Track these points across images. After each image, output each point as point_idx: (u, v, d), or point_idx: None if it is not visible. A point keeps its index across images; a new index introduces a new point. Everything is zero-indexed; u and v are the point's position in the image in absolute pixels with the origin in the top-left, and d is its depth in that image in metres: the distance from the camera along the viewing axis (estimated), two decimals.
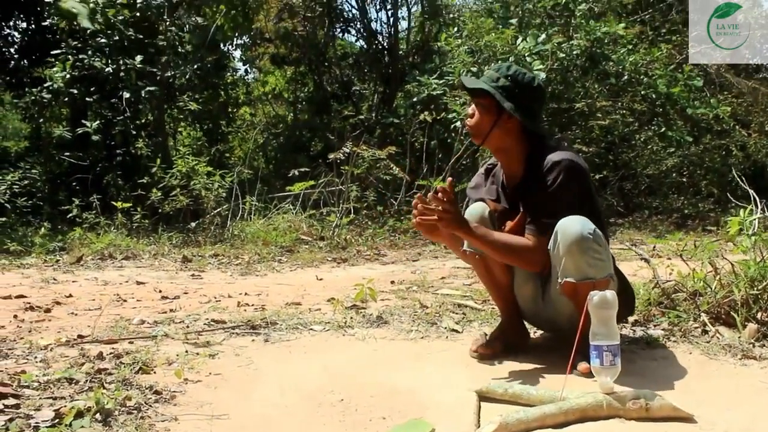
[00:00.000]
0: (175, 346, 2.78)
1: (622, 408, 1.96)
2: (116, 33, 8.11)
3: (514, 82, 2.46)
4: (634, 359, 2.61)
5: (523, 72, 2.50)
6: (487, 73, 2.57)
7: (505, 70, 2.50)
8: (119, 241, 6.25)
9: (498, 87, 2.46)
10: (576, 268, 2.30)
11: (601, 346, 2.02)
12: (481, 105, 2.51)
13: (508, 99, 2.43)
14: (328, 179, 7.61)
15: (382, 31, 13.61)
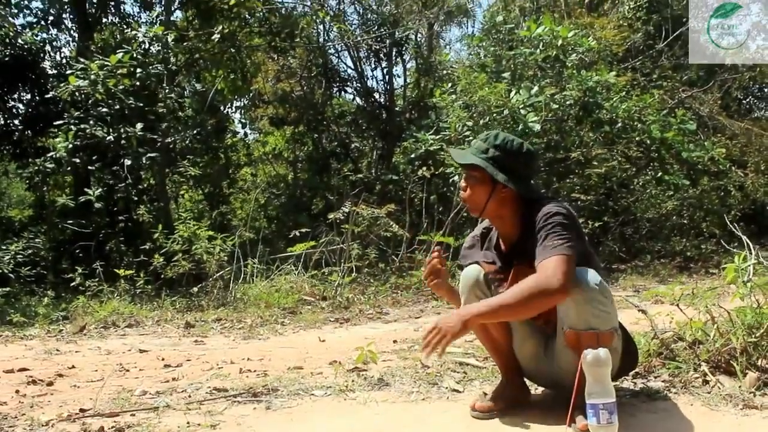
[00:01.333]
0: (176, 417, 2.77)
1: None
2: (117, 102, 8.27)
3: (503, 151, 2.49)
4: (635, 413, 2.60)
5: (511, 139, 2.52)
6: (475, 144, 2.58)
7: (493, 139, 2.52)
8: (122, 309, 6.26)
9: (489, 158, 2.49)
10: (580, 318, 2.32)
11: (597, 404, 2.03)
12: (473, 177, 2.54)
13: (500, 170, 2.46)
14: (329, 238, 7.65)
15: (378, 88, 13.87)
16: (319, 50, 13.42)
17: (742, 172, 12.08)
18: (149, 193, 9.77)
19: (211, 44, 10.61)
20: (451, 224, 7.65)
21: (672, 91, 12.28)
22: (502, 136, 2.52)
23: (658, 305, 4.95)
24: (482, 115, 8.68)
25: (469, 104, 8.91)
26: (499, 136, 2.53)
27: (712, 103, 12.91)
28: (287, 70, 13.86)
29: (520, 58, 9.38)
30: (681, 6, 15.31)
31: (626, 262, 9.82)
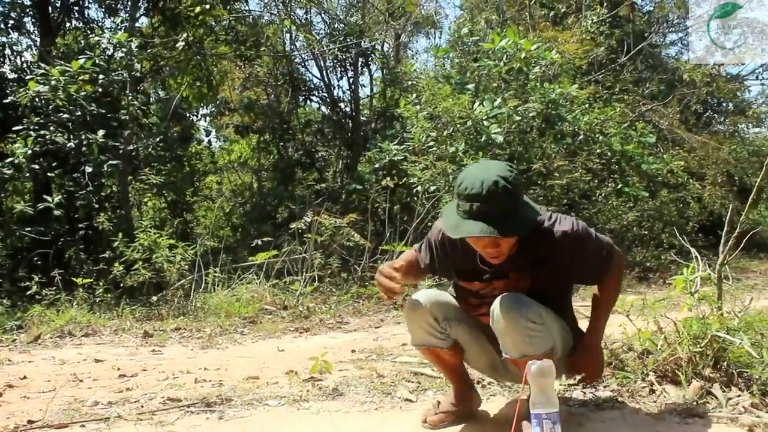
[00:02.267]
0: (127, 428, 2.76)
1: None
2: (78, 108, 8.16)
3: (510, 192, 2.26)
4: (582, 422, 2.66)
5: (499, 182, 2.23)
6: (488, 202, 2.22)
7: (494, 187, 2.21)
8: (80, 318, 6.16)
9: (514, 212, 2.27)
10: (513, 345, 2.33)
11: (541, 414, 2.06)
12: (499, 238, 2.29)
13: (521, 221, 2.29)
14: (291, 248, 7.63)
15: (344, 98, 13.90)
16: (285, 59, 13.41)
17: (700, 184, 12.35)
18: (111, 201, 9.63)
19: (176, 51, 10.55)
20: (414, 234, 7.68)
21: (633, 105, 12.51)
22: (500, 183, 2.23)
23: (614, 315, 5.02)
24: (446, 126, 8.75)
25: (434, 115, 8.99)
26: (498, 185, 2.22)
27: (671, 117, 13.18)
28: (253, 79, 13.82)
29: (484, 70, 9.47)
30: (643, 21, 15.67)
31: None
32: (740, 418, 2.50)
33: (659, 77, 14.86)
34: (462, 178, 2.30)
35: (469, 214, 2.24)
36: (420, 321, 2.55)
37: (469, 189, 2.23)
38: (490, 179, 2.22)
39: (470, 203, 2.23)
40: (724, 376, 2.88)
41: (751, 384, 2.76)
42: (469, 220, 2.24)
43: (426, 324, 2.55)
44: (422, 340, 2.60)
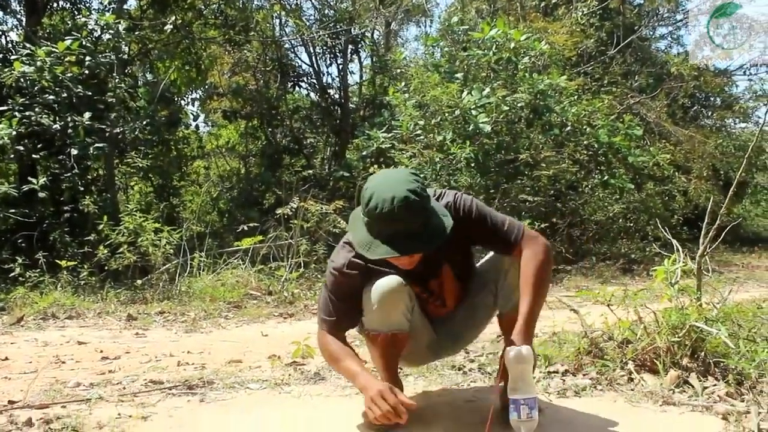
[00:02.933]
0: (108, 409, 2.76)
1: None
2: (64, 90, 8.10)
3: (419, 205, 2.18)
4: (560, 409, 2.68)
5: (413, 191, 2.15)
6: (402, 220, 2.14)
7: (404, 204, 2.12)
8: (64, 300, 6.15)
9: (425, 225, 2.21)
10: None
11: (518, 399, 2.09)
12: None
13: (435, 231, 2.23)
14: (277, 233, 7.63)
15: (333, 85, 13.87)
16: (274, 44, 13.36)
17: (686, 177, 12.45)
18: (97, 184, 9.59)
19: (164, 34, 10.48)
20: None
21: (621, 97, 12.57)
22: (400, 196, 2.13)
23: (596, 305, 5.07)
24: (434, 115, 8.77)
25: (422, 103, 8.99)
26: (397, 197, 2.12)
27: (659, 110, 13.25)
28: (242, 64, 13.76)
29: (473, 60, 9.49)
30: (633, 14, 15.71)
31: (572, 263, 9.99)
32: (715, 407, 2.53)
33: (648, 70, 14.92)
34: (368, 195, 2.18)
35: (383, 235, 2.17)
36: (400, 303, 2.39)
37: (380, 208, 2.12)
38: (399, 196, 2.12)
39: (383, 223, 2.15)
40: (701, 365, 2.91)
41: (727, 374, 2.80)
42: (382, 242, 2.17)
43: (404, 305, 2.41)
44: (398, 324, 2.42)
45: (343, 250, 2.44)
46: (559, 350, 3.42)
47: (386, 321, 2.40)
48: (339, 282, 2.42)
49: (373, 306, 2.37)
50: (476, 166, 8.96)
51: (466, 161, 8.60)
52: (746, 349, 2.87)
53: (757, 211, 21.04)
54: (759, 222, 20.86)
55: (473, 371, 3.25)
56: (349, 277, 2.40)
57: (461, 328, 2.70)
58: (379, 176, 2.35)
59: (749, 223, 19.45)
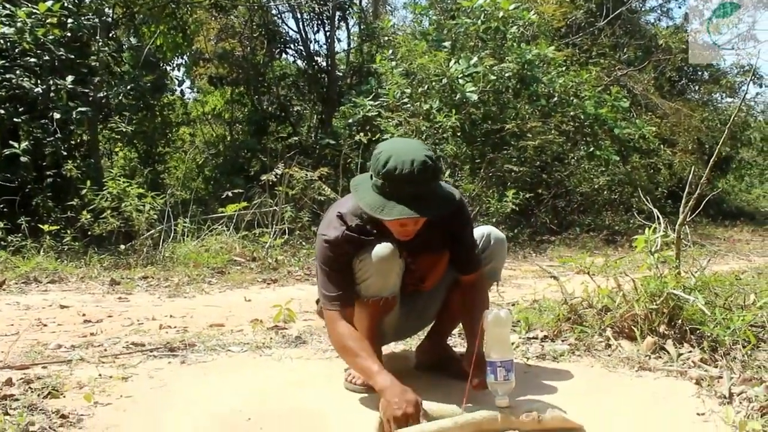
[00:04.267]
0: (89, 369, 2.77)
1: (516, 420, 2.06)
2: (46, 53, 7.97)
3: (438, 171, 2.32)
4: (539, 373, 2.72)
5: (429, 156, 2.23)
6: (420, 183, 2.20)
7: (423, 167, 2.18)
8: (46, 265, 6.11)
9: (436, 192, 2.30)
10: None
11: (495, 362, 2.11)
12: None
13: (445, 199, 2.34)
14: (261, 200, 7.61)
15: (320, 52, 13.74)
16: (261, 10, 13.19)
17: (671, 151, 12.50)
18: (81, 149, 9.48)
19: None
20: None
21: (609, 69, 12.55)
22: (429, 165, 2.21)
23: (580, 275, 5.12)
24: (421, 83, 8.72)
25: (409, 72, 8.94)
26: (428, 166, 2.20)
27: (646, 83, 13.25)
28: (229, 30, 13.59)
29: (461, 28, 9.43)
30: None
31: (556, 234, 10.07)
32: (689, 372, 2.57)
33: (636, 43, 14.88)
34: (385, 158, 2.20)
35: (398, 197, 2.19)
36: (395, 267, 2.39)
37: (400, 170, 2.15)
38: (419, 157, 2.18)
39: (401, 184, 2.17)
40: (677, 333, 2.96)
41: (703, 341, 2.84)
42: (397, 203, 2.18)
43: (399, 269, 2.42)
44: (393, 287, 2.43)
45: (335, 223, 2.41)
46: (539, 317, 3.46)
47: (384, 286, 2.40)
48: (335, 255, 2.39)
49: (372, 272, 2.36)
50: (462, 136, 8.96)
51: (452, 130, 8.59)
52: (722, 317, 2.90)
53: (740, 186, 21.19)
54: (742, 197, 21.02)
55: (453, 335, 3.27)
56: (343, 250, 2.38)
57: (427, 303, 2.70)
58: (393, 142, 2.44)
59: (732, 197, 19.60)
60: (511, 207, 8.25)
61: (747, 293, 3.40)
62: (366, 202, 2.25)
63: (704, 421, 2.12)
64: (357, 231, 2.37)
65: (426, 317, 2.71)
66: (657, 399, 2.35)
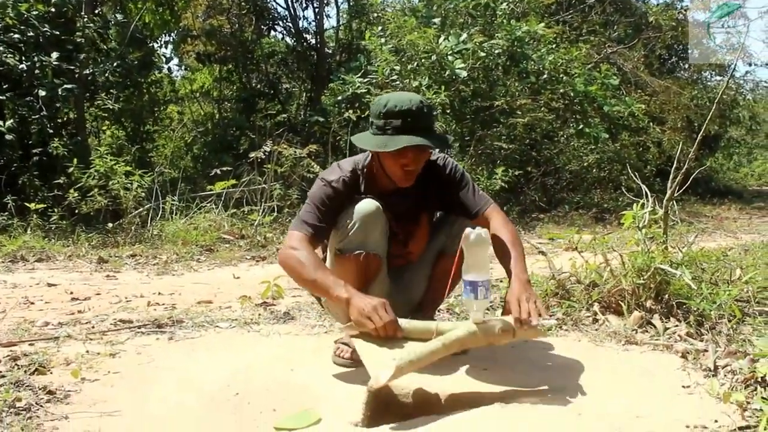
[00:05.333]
0: (76, 346, 2.76)
1: (494, 335, 2.12)
2: (30, 29, 7.87)
3: (430, 113, 2.43)
4: (526, 348, 2.73)
5: (421, 99, 2.40)
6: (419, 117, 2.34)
7: (419, 104, 2.35)
8: (33, 243, 6.08)
9: (433, 130, 2.47)
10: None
11: (477, 281, 2.11)
12: (423, 152, 2.42)
13: (443, 136, 2.47)
14: (250, 178, 7.57)
15: (309, 29, 13.64)
16: None
17: (660, 129, 12.50)
18: (68, 127, 9.39)
19: None
20: None
21: (599, 46, 12.50)
22: (424, 102, 2.39)
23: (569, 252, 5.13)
24: (410, 60, 8.67)
25: (398, 48, 8.89)
26: (423, 102, 2.38)
27: (636, 60, 13.21)
28: (217, 6, 13.45)
29: (451, 5, 9.37)
30: None
31: (546, 211, 10.08)
32: (675, 346, 2.59)
33: (626, 20, 14.81)
34: (385, 100, 2.38)
35: (400, 130, 2.32)
36: (378, 223, 2.41)
37: (399, 106, 2.32)
38: (416, 98, 2.37)
39: (401, 119, 2.31)
40: (664, 307, 2.97)
41: (689, 315, 2.86)
42: (401, 135, 2.31)
43: (382, 227, 2.43)
44: (375, 244, 2.42)
45: (337, 169, 2.52)
46: None
47: (365, 241, 2.39)
48: (328, 194, 2.42)
49: (353, 224, 2.37)
50: (452, 113, 8.93)
51: (441, 107, 8.55)
52: (708, 291, 2.92)
53: (729, 164, 21.26)
54: (730, 175, 21.10)
55: (441, 311, 3.28)
56: (337, 192, 2.43)
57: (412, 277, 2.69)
58: (390, 93, 2.56)
59: (721, 176, 19.67)
60: (500, 185, 8.26)
61: (733, 269, 3.42)
62: (371, 144, 2.39)
63: (689, 393, 2.13)
64: (351, 182, 2.47)
65: (413, 292, 2.70)
66: (643, 372, 2.36)
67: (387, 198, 2.46)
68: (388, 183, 2.49)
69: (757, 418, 1.87)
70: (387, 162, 2.41)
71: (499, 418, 1.96)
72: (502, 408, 2.05)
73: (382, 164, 2.45)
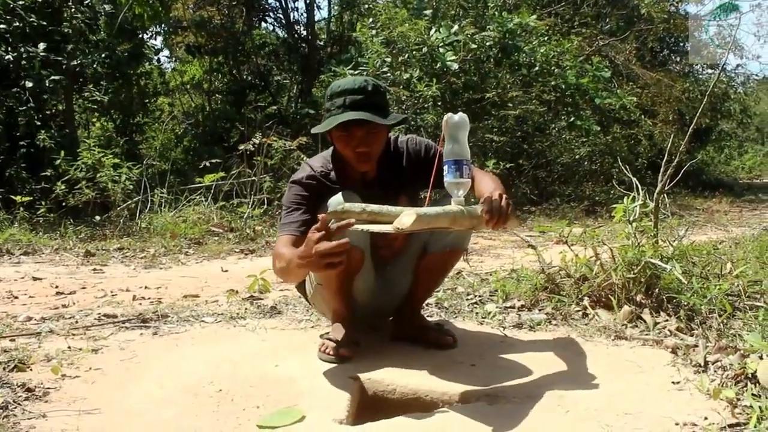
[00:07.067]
0: (58, 342, 2.71)
1: (477, 216, 2.02)
2: (17, 19, 7.77)
3: (381, 93, 2.41)
4: (515, 343, 2.70)
5: (371, 80, 2.41)
6: (352, 98, 2.31)
7: (368, 87, 2.34)
8: (20, 236, 6.02)
9: (383, 109, 2.39)
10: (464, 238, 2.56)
11: (461, 160, 2.07)
12: (374, 133, 2.35)
13: (393, 115, 2.41)
14: (240, 170, 7.52)
15: (300, 20, 13.56)
16: None
17: (651, 121, 12.49)
18: (56, 119, 9.30)
19: None
20: None
21: (590, 39, 12.47)
22: (370, 81, 2.38)
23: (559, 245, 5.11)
24: (401, 52, 8.62)
25: (389, 40, 8.83)
26: (368, 81, 2.37)
27: (627, 53, 13.19)
28: None
29: None
30: None
31: (537, 204, 10.05)
32: (665, 341, 2.56)
33: (618, 12, 14.78)
34: (337, 83, 2.39)
35: (342, 108, 2.31)
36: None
37: (344, 86, 2.34)
38: (362, 79, 2.38)
39: (344, 97, 2.31)
40: (654, 302, 2.95)
41: (679, 310, 2.83)
42: (344, 112, 2.29)
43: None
44: (361, 237, 2.32)
45: (306, 166, 2.51)
46: (517, 286, 3.43)
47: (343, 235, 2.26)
48: (298, 191, 2.41)
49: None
50: (443, 105, 8.88)
51: (432, 100, 8.51)
52: (699, 285, 2.90)
53: (720, 157, 21.31)
54: (721, 168, 21.15)
55: (430, 305, 3.25)
56: (307, 186, 2.41)
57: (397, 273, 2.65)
58: None
59: (712, 169, 19.71)
60: None
61: (724, 262, 3.39)
62: (318, 128, 2.38)
63: (679, 389, 2.11)
64: (321, 174, 2.44)
65: (398, 286, 2.67)
66: (633, 368, 2.33)
67: (362, 189, 2.37)
68: (356, 171, 2.45)
69: (748, 415, 1.84)
70: (339, 145, 2.38)
71: (485, 415, 1.93)
72: (489, 405, 2.02)
73: (338, 151, 2.43)
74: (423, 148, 2.56)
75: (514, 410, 1.97)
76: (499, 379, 2.20)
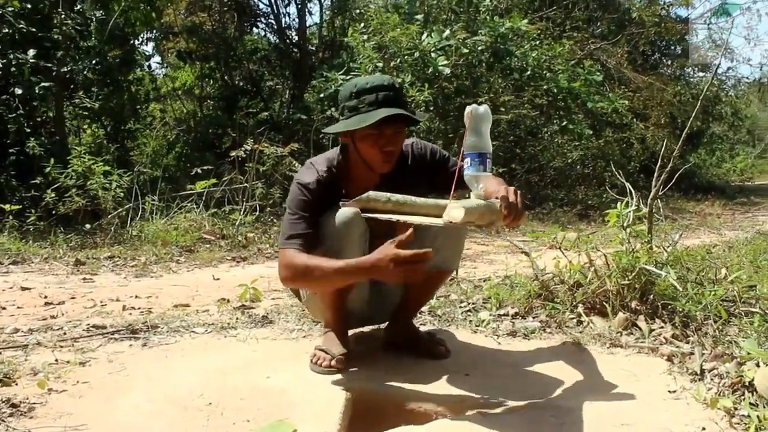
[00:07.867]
0: (45, 355, 2.67)
1: (496, 211, 2.00)
2: (6, 25, 7.71)
3: (401, 92, 2.38)
4: (510, 351, 2.68)
5: (390, 79, 2.38)
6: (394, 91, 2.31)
7: (390, 84, 2.31)
8: (9, 245, 5.95)
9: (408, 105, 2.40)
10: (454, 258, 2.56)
11: (485, 153, 2.04)
12: (401, 132, 2.35)
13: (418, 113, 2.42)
14: (231, 177, 7.47)
15: (292, 25, 13.53)
16: None
17: (643, 125, 12.52)
18: (47, 126, 9.22)
19: None
20: None
21: (582, 43, 12.49)
22: (387, 78, 2.34)
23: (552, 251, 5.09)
24: (393, 57, 8.61)
25: (381, 45, 8.82)
26: (384, 78, 2.33)
27: (619, 57, 13.22)
28: (199, 3, 13.29)
29: (434, 1, 9.31)
30: None
31: (530, 209, 10.03)
32: (661, 349, 2.54)
33: (610, 16, 14.83)
34: (354, 82, 2.34)
35: (375, 104, 2.25)
36: (358, 226, 2.28)
37: (373, 82, 2.29)
38: (386, 76, 2.35)
39: (376, 93, 2.26)
40: (649, 308, 2.93)
41: (675, 316, 2.81)
42: (377, 109, 2.23)
43: (361, 230, 2.31)
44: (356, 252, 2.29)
45: (310, 169, 2.40)
46: (510, 293, 3.41)
47: (342, 249, 2.28)
48: (306, 199, 2.32)
49: (333, 229, 2.27)
50: (435, 110, 8.87)
51: (424, 105, 8.49)
52: (694, 292, 2.88)
53: (711, 160, 21.36)
54: (713, 171, 21.20)
55: (423, 314, 3.22)
56: (316, 194, 2.32)
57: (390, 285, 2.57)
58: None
59: (704, 171, 19.76)
60: None
61: (718, 267, 3.38)
62: (347, 125, 2.28)
63: (676, 398, 2.08)
64: (328, 180, 2.36)
65: (390, 299, 2.63)
66: (628, 377, 2.31)
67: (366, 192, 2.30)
68: (367, 175, 2.38)
69: (746, 425, 1.82)
70: (363, 146, 2.30)
71: (480, 427, 1.90)
72: (483, 417, 1.99)
73: (359, 151, 2.33)
74: (428, 152, 2.52)
75: (508, 421, 1.95)
76: (493, 389, 2.17)
